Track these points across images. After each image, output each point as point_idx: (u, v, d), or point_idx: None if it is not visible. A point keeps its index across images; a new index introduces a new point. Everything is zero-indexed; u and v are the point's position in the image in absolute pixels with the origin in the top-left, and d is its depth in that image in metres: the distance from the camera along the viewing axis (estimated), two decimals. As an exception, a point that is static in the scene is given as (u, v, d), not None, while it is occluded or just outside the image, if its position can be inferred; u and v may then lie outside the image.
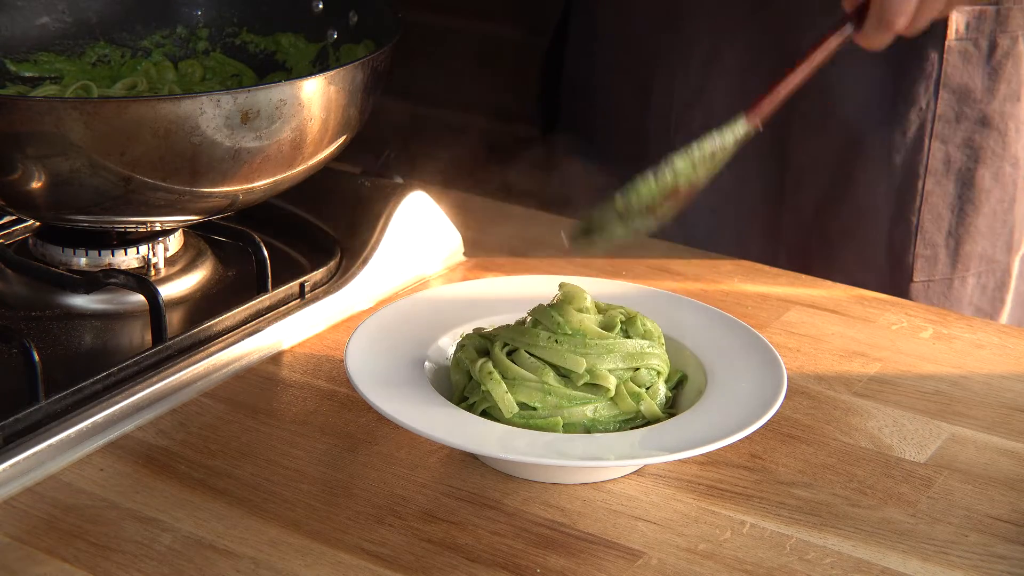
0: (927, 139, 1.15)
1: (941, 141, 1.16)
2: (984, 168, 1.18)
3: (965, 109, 1.16)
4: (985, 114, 1.17)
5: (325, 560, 0.72)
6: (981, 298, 1.22)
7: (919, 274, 1.19)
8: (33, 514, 0.75)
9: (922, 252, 1.19)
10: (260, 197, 0.93)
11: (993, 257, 1.21)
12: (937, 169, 1.17)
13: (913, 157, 1.16)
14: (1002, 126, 1.17)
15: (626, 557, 0.73)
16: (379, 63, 0.93)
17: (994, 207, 1.19)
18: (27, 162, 0.83)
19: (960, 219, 1.19)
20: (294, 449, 0.81)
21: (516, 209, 1.16)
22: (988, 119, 1.17)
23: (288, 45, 1.10)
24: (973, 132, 1.17)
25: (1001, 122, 1.17)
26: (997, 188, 1.19)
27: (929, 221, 1.18)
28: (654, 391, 0.81)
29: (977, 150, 1.17)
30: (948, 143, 1.16)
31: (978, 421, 0.86)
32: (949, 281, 1.20)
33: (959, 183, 1.18)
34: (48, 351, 0.89)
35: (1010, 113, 1.17)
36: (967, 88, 1.15)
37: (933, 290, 1.20)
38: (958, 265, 1.20)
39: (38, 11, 1.09)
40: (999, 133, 1.17)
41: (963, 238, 1.19)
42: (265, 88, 0.85)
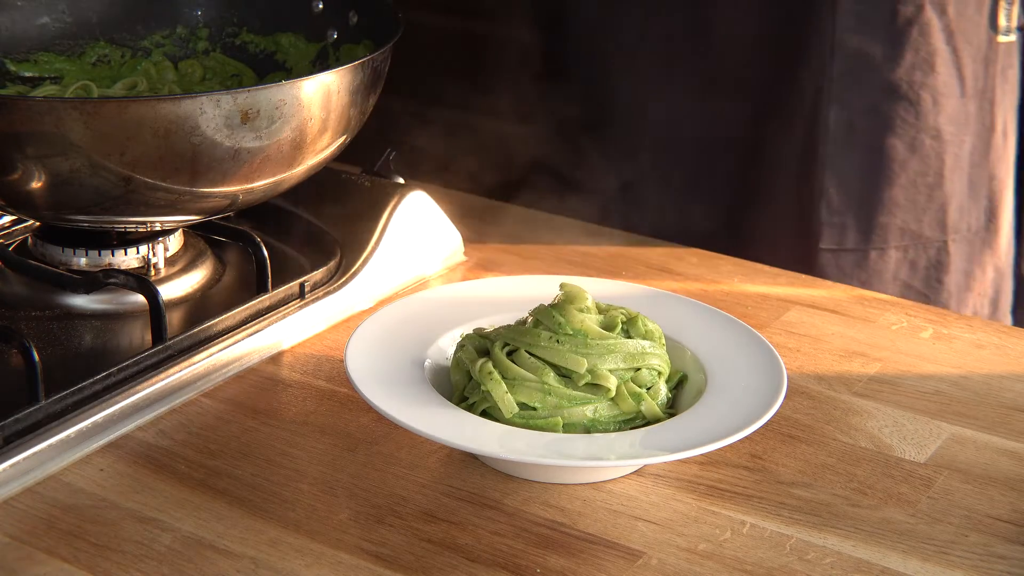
0: (825, 103, 1.14)
1: (840, 106, 1.14)
2: (896, 138, 1.15)
3: (864, 75, 1.14)
4: (890, 82, 1.15)
5: (325, 560, 0.72)
6: (911, 275, 1.20)
7: (826, 241, 1.17)
8: (33, 514, 0.75)
9: (828, 219, 1.17)
10: (260, 197, 0.93)
11: (920, 233, 1.19)
12: (839, 135, 1.15)
13: (813, 121, 1.14)
14: (912, 96, 1.15)
15: (626, 557, 0.73)
16: (379, 63, 0.93)
17: (913, 179, 1.17)
18: (27, 162, 0.83)
19: (871, 189, 1.17)
20: (294, 449, 0.81)
21: (516, 209, 1.16)
22: (895, 87, 1.15)
23: (288, 45, 1.10)
24: (878, 100, 1.15)
25: (911, 91, 1.15)
26: (915, 160, 1.16)
27: (834, 188, 1.16)
28: (655, 391, 0.81)
29: (885, 119, 1.15)
30: (849, 108, 1.14)
31: (978, 421, 0.86)
32: (864, 252, 1.18)
33: (867, 151, 1.16)
34: (48, 351, 0.89)
35: (922, 83, 1.15)
36: (865, 53, 1.13)
37: (844, 259, 1.18)
38: (873, 237, 1.18)
39: (38, 11, 1.09)
40: (909, 103, 1.15)
41: (877, 209, 1.17)
42: (265, 88, 0.85)
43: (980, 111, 1.19)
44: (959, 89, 1.17)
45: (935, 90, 1.15)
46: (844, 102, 1.14)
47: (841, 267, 1.18)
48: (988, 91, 1.20)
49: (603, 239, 1.11)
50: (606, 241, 1.10)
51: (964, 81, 1.17)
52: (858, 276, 1.18)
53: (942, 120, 1.16)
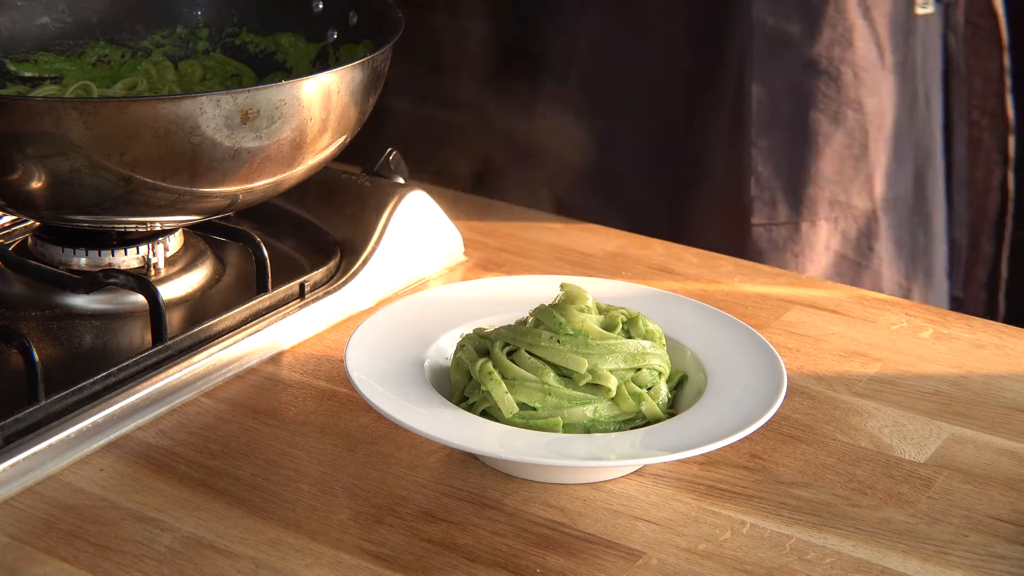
0: (748, 82, 1.17)
1: (761, 84, 1.17)
2: (819, 113, 1.18)
3: (784, 53, 1.17)
4: (810, 58, 1.17)
5: (325, 560, 0.72)
6: (843, 245, 1.23)
7: (758, 216, 1.20)
8: (33, 514, 0.75)
9: (758, 194, 1.20)
10: (260, 197, 0.93)
11: (849, 203, 1.21)
12: (763, 112, 1.18)
13: (737, 100, 1.18)
14: (833, 71, 1.18)
15: (626, 557, 0.73)
16: (379, 63, 0.93)
17: (839, 152, 1.20)
18: (27, 162, 0.83)
19: (799, 163, 1.20)
20: (294, 449, 0.81)
21: (516, 209, 1.16)
22: (815, 63, 1.17)
23: (288, 45, 1.10)
24: (800, 76, 1.18)
25: (831, 66, 1.17)
26: (840, 133, 1.19)
27: (762, 164, 1.19)
28: (656, 391, 0.81)
29: (807, 94, 1.18)
30: (771, 86, 1.17)
31: (978, 421, 0.86)
32: (795, 225, 1.21)
33: (792, 127, 1.19)
34: (48, 351, 0.89)
35: (841, 58, 1.18)
36: (783, 32, 1.16)
37: (777, 234, 1.21)
38: (803, 209, 1.20)
39: (38, 11, 1.09)
40: (829, 77, 1.18)
41: (804, 182, 1.20)
42: (265, 88, 0.85)
43: (902, 82, 1.23)
44: (879, 62, 1.20)
45: (855, 64, 1.19)
46: (766, 80, 1.17)
47: (774, 241, 1.21)
48: (909, 62, 1.23)
49: (603, 239, 1.11)
50: (606, 241, 1.10)
51: (883, 54, 1.20)
52: (791, 249, 1.21)
53: (863, 93, 1.20)
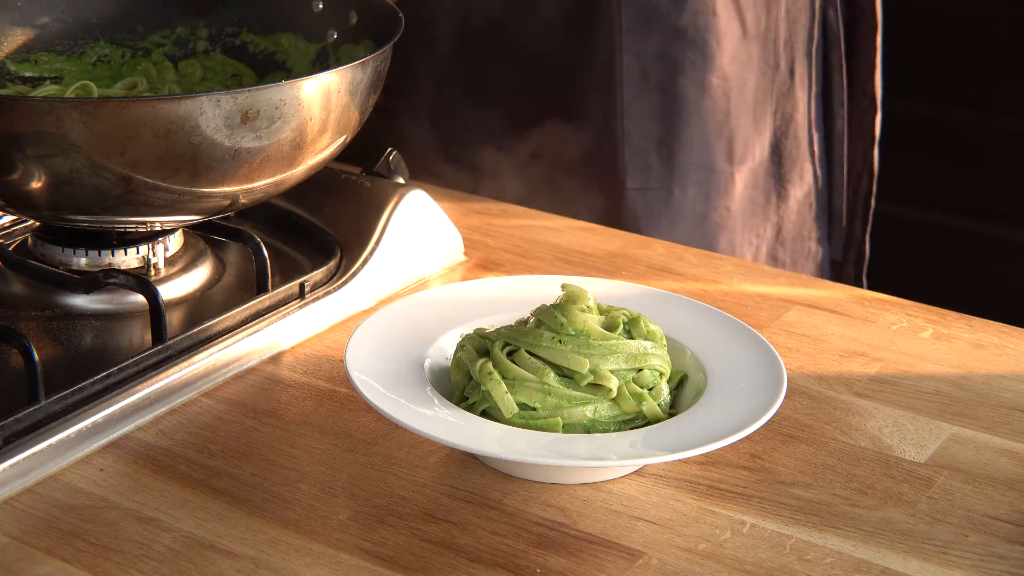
0: (617, 52, 1.22)
1: (632, 54, 1.22)
2: (686, 80, 1.24)
3: (653, 24, 1.22)
4: (676, 27, 1.22)
5: (325, 560, 0.72)
6: (705, 206, 1.29)
7: (631, 181, 1.26)
8: (33, 514, 0.75)
9: (631, 160, 1.25)
10: (260, 197, 0.93)
11: (713, 166, 1.27)
12: (634, 80, 1.23)
13: (609, 70, 1.22)
14: (699, 40, 1.23)
15: (626, 557, 0.73)
16: (379, 63, 0.93)
17: (705, 117, 1.25)
18: (27, 162, 0.83)
19: (669, 129, 1.25)
20: (294, 449, 0.81)
21: (516, 209, 1.16)
22: (682, 32, 1.22)
23: (288, 45, 1.10)
24: (667, 45, 1.23)
25: (697, 35, 1.23)
26: (706, 99, 1.25)
27: (635, 131, 1.24)
28: (657, 392, 0.81)
29: (674, 62, 1.23)
30: (641, 56, 1.22)
31: (978, 421, 0.86)
32: (668, 190, 1.26)
33: (662, 94, 1.24)
34: (48, 351, 0.89)
35: (706, 26, 1.23)
36: (650, 3, 1.21)
37: (652, 198, 1.26)
38: (675, 173, 1.26)
39: (38, 11, 1.09)
40: (696, 46, 1.23)
41: (675, 148, 1.25)
42: (265, 88, 0.85)
43: (763, 51, 1.28)
44: (740, 31, 1.26)
45: (718, 33, 1.24)
46: (636, 51, 1.22)
47: (649, 204, 1.26)
48: (771, 32, 1.28)
49: (603, 239, 1.11)
50: (606, 241, 1.10)
51: (745, 24, 1.26)
52: (665, 214, 1.27)
53: (725, 61, 1.25)
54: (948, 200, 1.83)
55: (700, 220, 1.29)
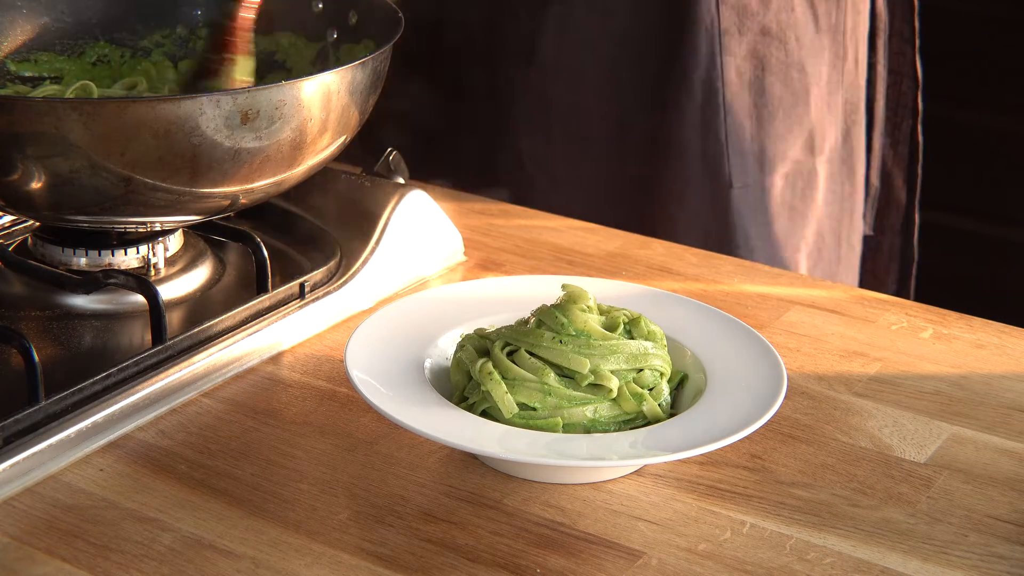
0: (718, 55, 1.25)
1: (730, 55, 1.25)
2: (772, 76, 1.27)
3: (746, 22, 1.25)
4: (764, 25, 1.26)
5: (325, 560, 0.72)
6: (792, 196, 1.32)
7: (736, 180, 1.28)
8: (33, 514, 0.75)
9: (735, 161, 1.28)
10: (260, 197, 0.93)
11: (797, 158, 1.31)
12: (732, 81, 1.26)
13: (709, 74, 1.25)
14: (781, 35, 1.27)
15: (626, 557, 0.73)
16: (379, 63, 0.93)
17: (788, 111, 1.29)
18: (27, 162, 0.83)
19: (760, 125, 1.28)
20: (294, 449, 0.81)
21: (516, 209, 1.16)
22: (767, 29, 1.26)
23: (288, 45, 1.10)
24: (756, 43, 1.26)
25: (780, 31, 1.27)
26: (788, 94, 1.29)
27: (734, 131, 1.27)
28: (657, 392, 0.81)
29: (762, 59, 1.27)
30: (736, 56, 1.25)
31: (978, 421, 0.86)
32: (761, 184, 1.30)
33: (753, 91, 1.27)
34: (48, 351, 0.89)
35: (787, 22, 1.27)
36: (744, 3, 1.24)
37: (751, 193, 1.30)
38: (766, 168, 1.30)
39: (38, 11, 1.09)
40: (779, 42, 1.27)
41: (765, 143, 1.29)
42: (265, 88, 0.85)
43: (833, 43, 1.32)
44: (813, 25, 1.29)
45: (796, 28, 1.28)
46: (732, 50, 1.26)
47: (749, 201, 1.29)
48: (840, 24, 1.32)
49: (603, 239, 1.11)
50: (606, 241, 1.10)
51: (817, 18, 1.29)
52: (759, 207, 1.30)
53: (804, 55, 1.29)
54: (949, 200, 1.83)
55: (791, 212, 1.32)
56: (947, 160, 1.81)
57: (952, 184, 1.82)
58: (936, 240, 1.84)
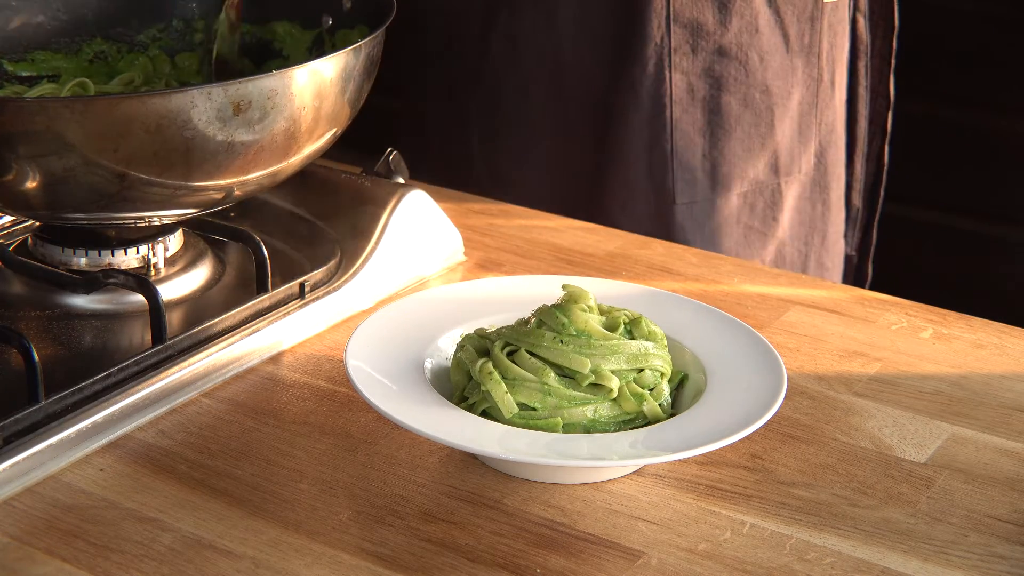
0: (667, 71, 1.25)
1: (681, 72, 1.25)
2: (729, 95, 1.27)
3: (700, 42, 1.25)
4: (721, 45, 1.26)
5: (325, 560, 0.72)
6: (751, 217, 1.32)
7: (680, 196, 1.29)
8: (33, 514, 0.75)
9: (680, 176, 1.28)
10: (257, 189, 0.93)
11: (758, 178, 1.31)
12: (682, 98, 1.26)
13: (657, 89, 1.26)
14: (741, 56, 1.26)
15: (626, 557, 0.73)
16: (372, 48, 0.92)
17: (748, 131, 1.29)
18: (21, 162, 0.83)
19: (712, 143, 1.28)
20: (294, 449, 0.81)
21: (516, 209, 1.16)
22: (725, 50, 1.26)
23: (284, 33, 1.09)
24: (712, 63, 1.26)
25: (740, 52, 1.26)
26: (748, 114, 1.28)
27: (682, 147, 1.27)
28: (658, 392, 0.81)
29: (718, 78, 1.27)
30: (688, 74, 1.26)
31: (978, 421, 0.86)
32: (711, 201, 1.30)
33: (706, 110, 1.27)
34: (48, 351, 0.89)
35: (749, 43, 1.27)
36: (698, 23, 1.24)
37: (698, 210, 1.29)
38: (718, 186, 1.29)
39: (33, 10, 1.09)
40: (739, 62, 1.26)
41: (718, 161, 1.29)
42: (256, 79, 0.84)
43: (807, 65, 1.31)
44: (784, 47, 1.29)
45: (761, 49, 1.27)
46: (684, 68, 1.25)
47: (695, 218, 1.30)
48: (815, 47, 1.31)
49: (603, 239, 1.11)
50: (606, 241, 1.10)
51: (789, 39, 1.29)
52: (708, 225, 1.30)
53: (769, 76, 1.28)
54: (948, 200, 1.83)
55: (746, 231, 1.32)
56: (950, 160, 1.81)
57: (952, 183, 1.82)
58: (932, 239, 1.85)
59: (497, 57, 1.30)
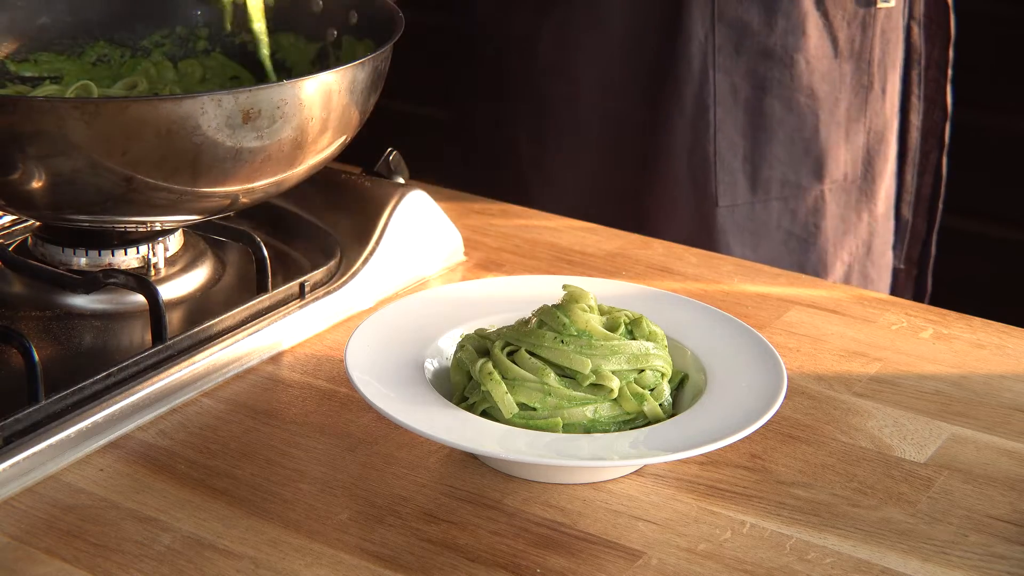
0: (711, 71, 1.23)
1: (724, 72, 1.24)
2: (772, 98, 1.25)
3: (744, 41, 1.24)
4: (766, 46, 1.24)
5: (325, 560, 0.72)
6: (792, 223, 1.30)
7: (723, 199, 1.27)
8: (33, 514, 0.75)
9: (723, 179, 1.27)
10: (261, 197, 0.93)
11: (798, 183, 1.29)
12: (725, 99, 1.25)
13: (701, 89, 1.24)
14: (786, 59, 1.24)
15: (626, 557, 0.73)
16: (379, 62, 0.93)
17: (791, 135, 1.27)
18: (28, 162, 0.83)
19: (754, 146, 1.27)
20: (294, 449, 0.81)
21: (516, 209, 1.16)
22: (770, 51, 1.24)
23: (288, 45, 1.10)
24: (756, 64, 1.24)
25: (785, 55, 1.24)
26: (791, 117, 1.26)
27: (725, 148, 1.26)
28: (658, 392, 0.81)
29: (762, 80, 1.25)
30: (732, 74, 1.24)
31: (978, 421, 0.86)
32: (751, 205, 1.28)
33: (748, 111, 1.26)
34: (48, 351, 0.89)
35: (795, 46, 1.24)
36: (743, 22, 1.23)
37: (738, 214, 1.28)
38: (758, 190, 1.28)
39: (38, 11, 1.09)
40: (784, 65, 1.24)
41: (759, 164, 1.27)
42: (266, 88, 0.85)
43: (857, 71, 1.29)
44: (832, 51, 1.27)
45: (807, 53, 1.25)
46: (727, 68, 1.24)
47: (736, 221, 1.28)
48: (865, 53, 1.29)
49: (603, 239, 1.11)
50: (606, 241, 1.10)
51: (838, 44, 1.27)
52: (748, 228, 1.28)
53: (815, 80, 1.26)
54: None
55: (787, 236, 1.30)
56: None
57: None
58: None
59: (545, 56, 1.28)
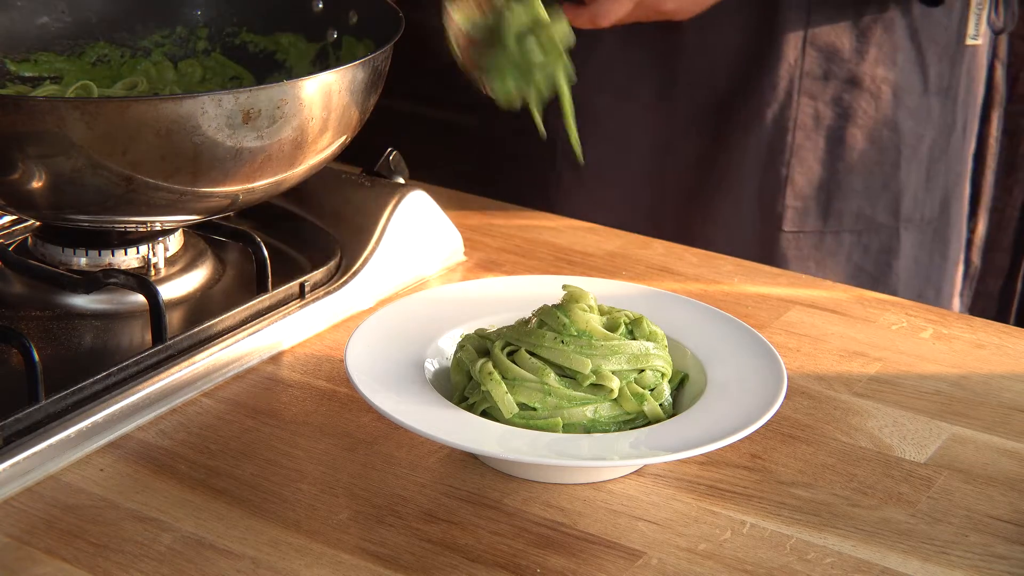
0: (795, 94, 1.20)
1: (809, 97, 1.20)
2: (855, 128, 1.21)
3: (833, 68, 1.20)
4: (855, 75, 1.20)
5: (325, 560, 0.72)
6: (863, 258, 1.26)
7: (788, 224, 1.23)
8: (33, 514, 0.75)
9: (792, 203, 1.23)
10: (261, 197, 0.93)
11: (873, 218, 1.24)
12: (806, 124, 1.21)
13: (783, 112, 1.20)
14: (874, 88, 1.21)
15: (626, 557, 0.73)
16: (379, 62, 0.93)
17: (870, 168, 1.23)
18: (28, 162, 0.83)
19: (831, 175, 1.23)
20: (294, 449, 0.81)
21: (516, 209, 1.16)
22: (858, 80, 1.20)
23: (288, 45, 1.10)
24: (842, 91, 1.21)
25: (873, 85, 1.20)
26: (873, 150, 1.22)
27: (799, 174, 1.22)
28: (659, 392, 0.81)
29: (847, 109, 1.21)
30: (817, 99, 1.20)
31: (978, 421, 0.86)
32: (821, 234, 1.24)
33: (829, 139, 1.22)
34: (48, 351, 0.89)
35: (883, 77, 1.21)
36: (835, 47, 1.19)
37: (804, 241, 1.24)
38: (830, 220, 1.23)
39: (38, 11, 1.09)
40: (871, 95, 1.21)
41: (834, 194, 1.23)
42: (266, 88, 0.85)
43: (943, 108, 1.25)
44: (922, 85, 1.22)
45: (896, 85, 1.21)
46: (813, 93, 1.20)
47: (800, 248, 1.24)
48: (952, 89, 1.25)
49: (603, 239, 1.11)
50: (606, 241, 1.10)
51: (927, 78, 1.22)
52: (814, 257, 1.24)
53: (901, 114, 1.22)
54: None
55: (856, 271, 1.26)
56: None
57: None
58: None
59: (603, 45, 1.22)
